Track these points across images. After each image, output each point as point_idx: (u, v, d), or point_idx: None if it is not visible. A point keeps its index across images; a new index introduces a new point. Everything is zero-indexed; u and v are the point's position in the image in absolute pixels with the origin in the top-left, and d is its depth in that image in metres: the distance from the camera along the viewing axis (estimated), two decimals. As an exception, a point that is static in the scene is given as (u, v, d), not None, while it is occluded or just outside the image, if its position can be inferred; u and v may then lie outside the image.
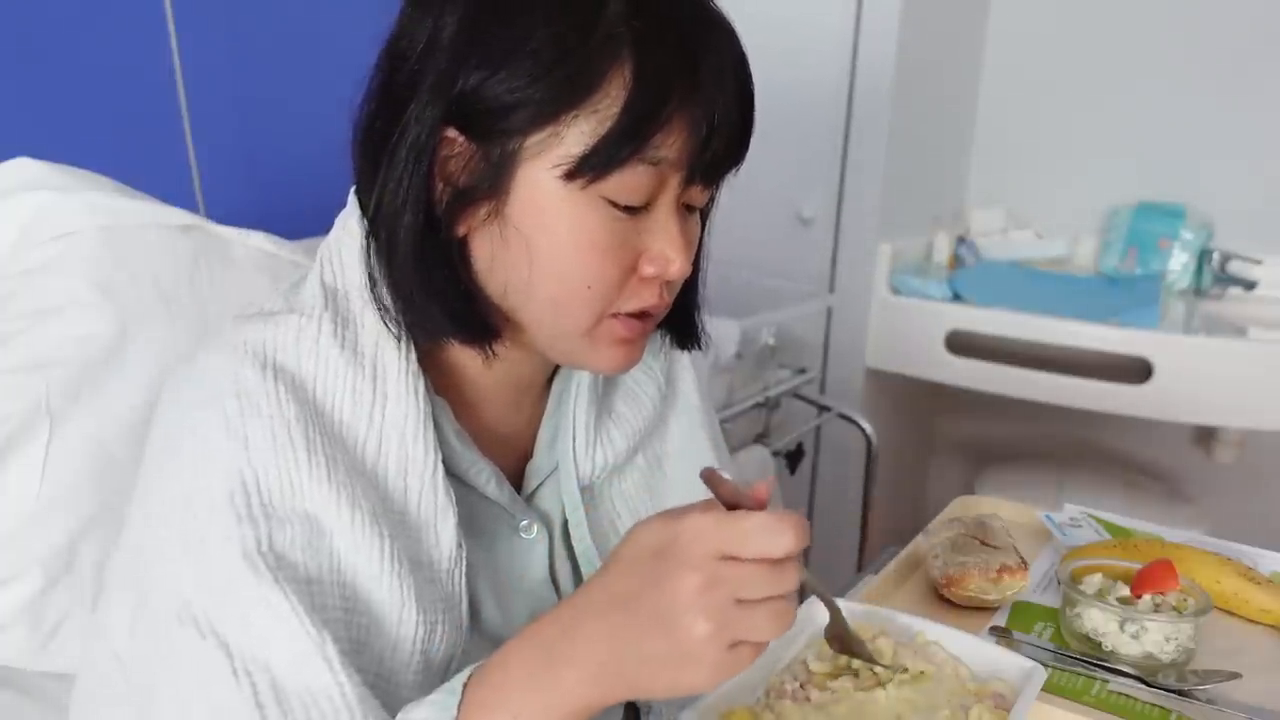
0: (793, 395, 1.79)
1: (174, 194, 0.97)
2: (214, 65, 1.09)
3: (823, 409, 1.88)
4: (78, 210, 0.80)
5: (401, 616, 0.59)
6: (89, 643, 0.61)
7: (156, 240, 0.82)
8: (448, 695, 0.52)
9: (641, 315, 0.64)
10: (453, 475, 0.65)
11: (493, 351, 0.65)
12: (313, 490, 0.57)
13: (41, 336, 0.76)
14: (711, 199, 0.68)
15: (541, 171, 0.58)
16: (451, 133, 0.58)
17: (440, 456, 0.62)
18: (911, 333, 2.00)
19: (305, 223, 0.98)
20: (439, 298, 0.61)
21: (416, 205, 0.59)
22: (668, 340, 0.75)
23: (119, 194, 0.83)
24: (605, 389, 0.75)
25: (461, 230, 0.61)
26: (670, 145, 0.58)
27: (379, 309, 0.62)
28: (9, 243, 0.79)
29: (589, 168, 0.57)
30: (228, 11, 1.10)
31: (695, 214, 0.65)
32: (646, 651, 0.49)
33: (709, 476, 0.51)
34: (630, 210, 0.60)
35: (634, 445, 0.76)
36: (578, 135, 0.57)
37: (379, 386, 0.62)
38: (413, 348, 0.63)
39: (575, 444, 0.72)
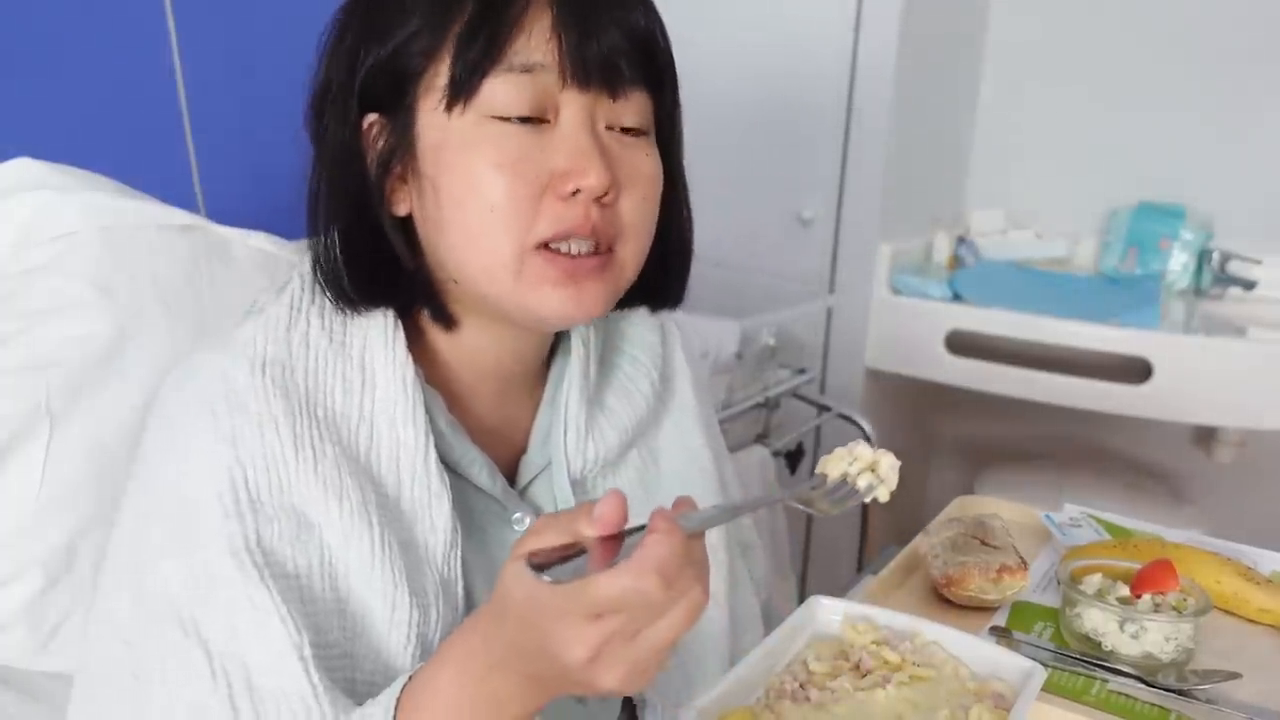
0: (792, 395, 1.79)
1: (174, 194, 0.97)
2: (214, 65, 1.09)
3: (823, 409, 1.88)
4: (78, 210, 0.80)
5: (395, 602, 0.59)
6: (91, 633, 0.62)
7: (156, 240, 0.82)
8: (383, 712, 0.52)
9: (569, 251, 0.60)
10: (445, 465, 0.65)
11: (450, 321, 0.66)
12: (300, 485, 0.58)
13: (41, 336, 0.76)
14: (670, 132, 0.67)
15: (431, 114, 0.60)
16: (370, 118, 0.62)
17: (432, 441, 0.63)
18: (911, 333, 2.00)
19: (305, 223, 0.98)
20: (370, 270, 0.63)
21: (350, 192, 0.62)
22: (661, 328, 0.75)
23: (119, 194, 0.83)
24: (598, 384, 0.75)
25: (403, 209, 0.63)
26: (537, 49, 0.58)
27: (327, 294, 0.63)
28: (9, 243, 0.79)
29: (458, 89, 0.58)
30: (228, 12, 1.10)
31: (641, 141, 0.64)
32: (568, 687, 0.49)
33: (532, 568, 0.45)
34: (525, 123, 0.59)
35: (627, 440, 0.76)
36: (446, 65, 0.58)
37: (367, 374, 0.63)
38: (401, 335, 0.64)
39: (567, 439, 0.72)
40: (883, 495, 0.59)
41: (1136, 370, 1.79)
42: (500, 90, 0.58)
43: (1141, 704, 0.69)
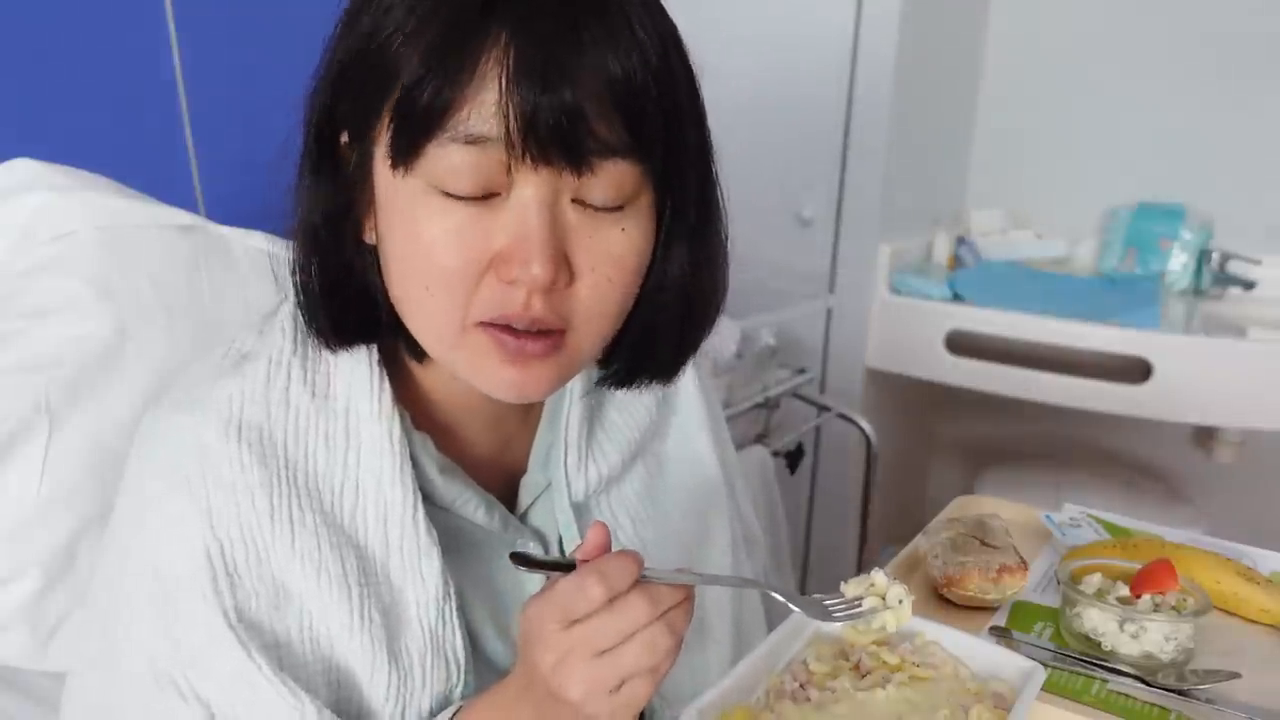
0: (792, 395, 1.79)
1: (174, 194, 0.97)
2: (214, 65, 1.09)
3: (823, 409, 1.88)
4: (77, 210, 0.80)
5: (374, 667, 0.59)
6: (67, 690, 0.63)
7: (156, 240, 0.82)
8: None
9: (511, 329, 0.54)
10: (440, 507, 0.65)
11: (422, 354, 0.62)
12: (278, 557, 0.58)
13: (41, 337, 0.76)
14: (683, 186, 0.58)
15: (381, 163, 0.54)
16: (344, 136, 0.57)
17: (419, 497, 0.61)
18: (911, 333, 2.00)
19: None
20: (342, 302, 0.60)
21: (319, 210, 0.58)
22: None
23: (119, 194, 0.83)
24: (599, 398, 0.73)
25: (371, 237, 0.59)
26: (486, 119, 0.50)
27: (300, 316, 0.61)
28: (9, 243, 0.79)
29: (397, 151, 0.52)
30: (228, 11, 1.10)
31: (617, 216, 0.55)
32: (554, 706, 0.52)
33: (514, 561, 0.52)
34: (468, 200, 0.52)
35: (629, 455, 0.74)
36: (388, 118, 0.52)
37: (352, 431, 0.61)
38: (387, 384, 0.62)
39: (568, 462, 0.70)
40: (890, 623, 0.61)
41: (1136, 370, 1.79)
42: (445, 160, 0.51)
43: (1141, 704, 0.69)
